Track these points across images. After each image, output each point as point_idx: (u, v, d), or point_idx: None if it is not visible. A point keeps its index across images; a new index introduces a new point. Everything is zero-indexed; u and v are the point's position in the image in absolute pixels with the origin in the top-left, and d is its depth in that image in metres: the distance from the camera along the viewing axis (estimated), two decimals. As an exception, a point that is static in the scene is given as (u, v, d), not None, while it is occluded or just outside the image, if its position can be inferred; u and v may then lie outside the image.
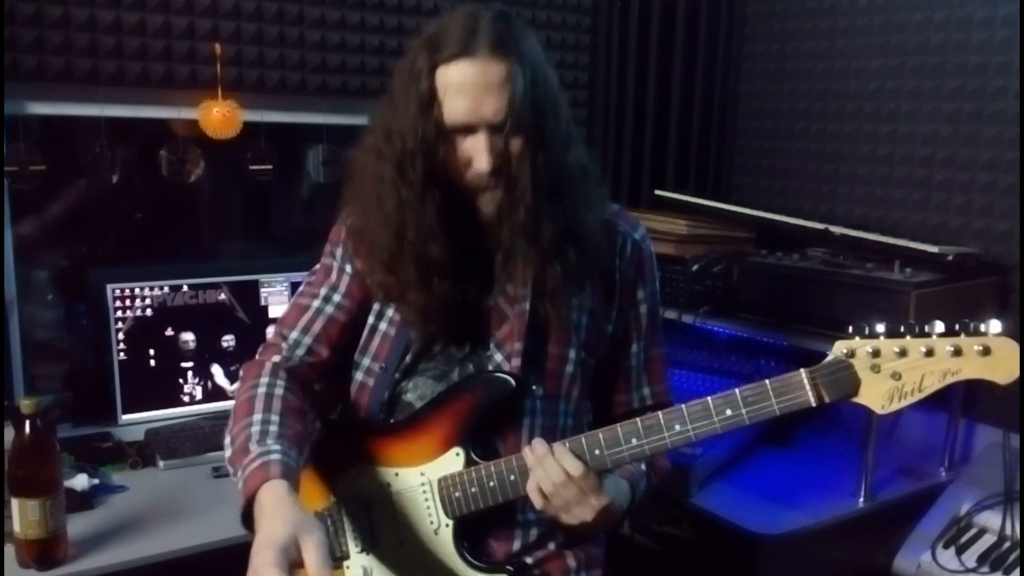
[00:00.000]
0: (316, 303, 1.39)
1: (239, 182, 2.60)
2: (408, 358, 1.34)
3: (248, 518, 1.12)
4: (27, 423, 1.48)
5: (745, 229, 2.46)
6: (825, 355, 1.09)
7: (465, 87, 1.17)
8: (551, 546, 1.35)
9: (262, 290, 2.26)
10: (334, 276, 1.40)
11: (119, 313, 2.12)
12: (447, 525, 1.26)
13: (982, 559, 1.81)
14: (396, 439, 1.31)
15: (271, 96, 2.32)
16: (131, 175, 2.32)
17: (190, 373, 2.22)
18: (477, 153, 1.19)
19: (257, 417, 1.24)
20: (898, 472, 2.12)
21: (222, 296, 2.24)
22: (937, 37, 2.30)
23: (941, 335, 1.01)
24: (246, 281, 2.26)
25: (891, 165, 2.43)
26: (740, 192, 2.89)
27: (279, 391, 1.29)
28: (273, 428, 1.23)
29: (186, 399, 2.22)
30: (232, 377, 2.24)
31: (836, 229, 2.19)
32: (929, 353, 1.01)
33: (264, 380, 1.30)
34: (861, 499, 1.96)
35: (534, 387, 1.29)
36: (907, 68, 2.37)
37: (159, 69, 2.16)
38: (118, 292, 2.12)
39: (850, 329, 1.06)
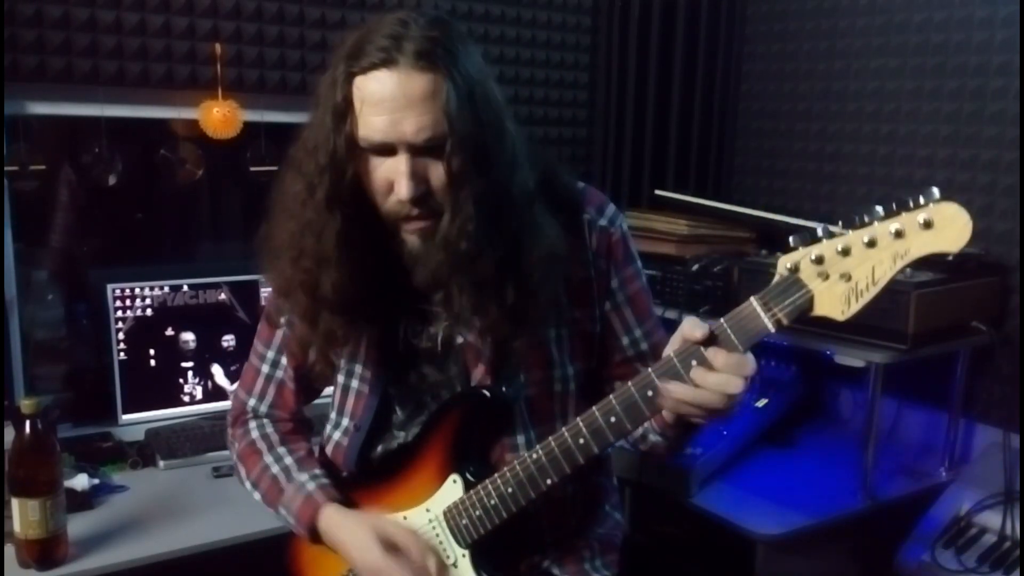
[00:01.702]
0: (265, 368, 1.41)
1: (239, 182, 2.59)
2: (399, 411, 1.30)
3: (313, 537, 1.29)
4: (27, 423, 1.48)
5: (745, 229, 2.46)
6: (826, 356, 1.05)
7: (384, 101, 1.05)
8: (564, 542, 1.33)
9: (262, 290, 2.26)
10: (278, 336, 1.38)
11: (119, 313, 2.12)
12: (463, 555, 1.22)
13: (982, 559, 1.81)
14: (396, 483, 1.27)
15: (271, 96, 2.32)
16: (131, 175, 2.31)
17: (190, 373, 2.22)
18: (397, 177, 1.08)
19: (269, 459, 1.36)
20: (898, 472, 2.12)
21: (222, 296, 2.24)
22: (937, 37, 2.30)
23: (881, 219, 0.93)
24: (246, 281, 2.26)
25: (891, 165, 2.43)
26: (740, 192, 2.89)
27: (269, 429, 1.41)
28: (289, 460, 1.35)
29: (186, 399, 2.22)
30: (232, 377, 2.24)
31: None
32: (871, 243, 0.93)
33: (252, 424, 1.42)
34: (861, 499, 1.96)
35: (505, 388, 1.23)
36: (907, 68, 2.37)
37: (159, 69, 2.16)
38: (118, 292, 2.12)
39: (790, 242, 0.99)
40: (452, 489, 1.22)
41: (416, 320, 1.26)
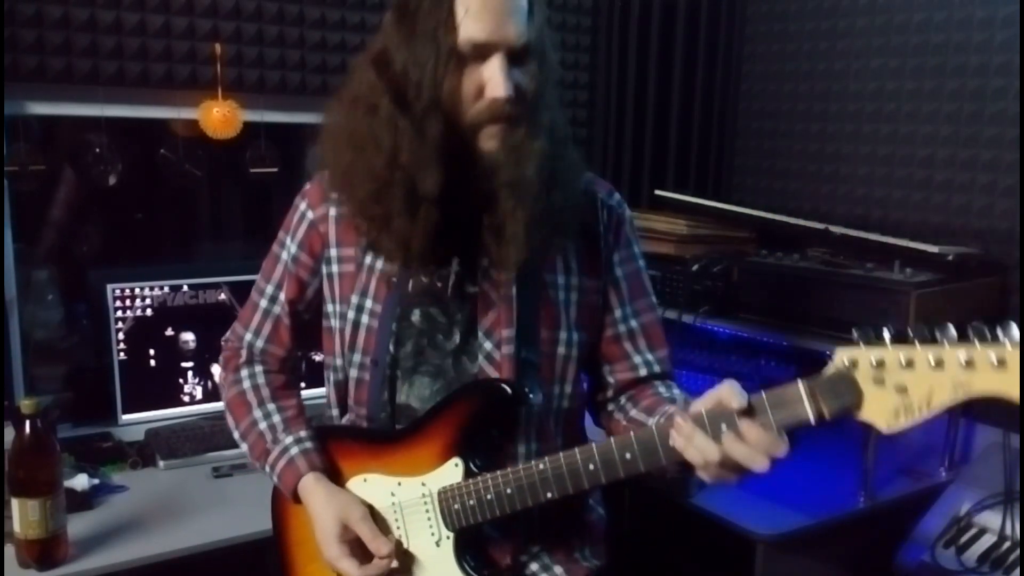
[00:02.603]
0: (264, 303, 1.44)
1: (239, 182, 2.60)
2: (392, 348, 1.31)
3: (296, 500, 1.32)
4: (27, 423, 1.48)
5: (745, 229, 2.46)
6: (825, 356, 1.02)
7: (489, 4, 1.14)
8: (552, 532, 1.35)
9: (262, 290, 2.26)
10: (279, 272, 1.42)
11: (119, 313, 2.12)
12: (448, 537, 1.24)
13: (982, 559, 1.81)
14: (399, 448, 1.28)
15: (271, 96, 2.32)
16: (131, 175, 2.32)
17: (190, 373, 2.22)
18: (493, 78, 1.15)
19: (258, 414, 1.39)
20: (898, 472, 2.12)
21: (222, 296, 2.24)
22: (937, 38, 2.30)
23: (953, 343, 0.88)
24: (246, 281, 2.23)
25: (891, 166, 2.43)
26: (740, 192, 2.89)
27: (260, 380, 1.43)
28: (277, 419, 1.37)
29: (186, 399, 2.22)
30: (232, 377, 2.24)
31: (836, 229, 2.19)
32: (939, 364, 0.89)
33: (244, 373, 1.44)
34: (861, 499, 1.96)
35: (531, 394, 1.26)
36: (907, 69, 2.37)
37: (159, 69, 2.16)
38: (118, 292, 2.12)
39: (854, 335, 0.95)
40: (452, 472, 1.23)
41: (436, 259, 1.27)
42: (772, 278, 2.16)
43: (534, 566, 1.34)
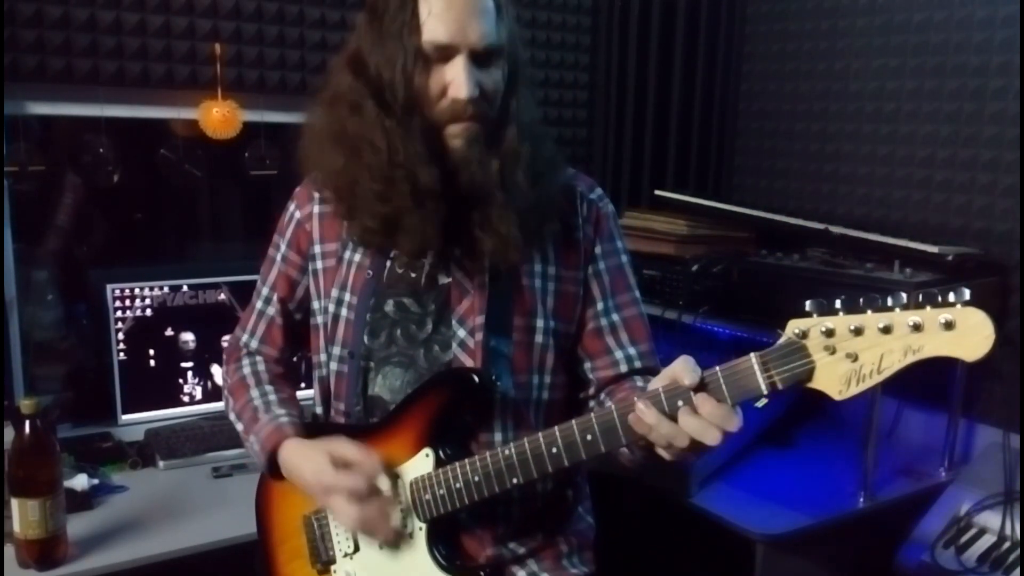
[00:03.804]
0: (259, 304, 1.48)
1: (239, 182, 2.60)
2: (366, 339, 1.32)
3: (271, 470, 1.33)
4: (27, 423, 1.48)
5: (745, 229, 2.46)
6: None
7: (452, 6, 1.16)
8: (539, 535, 1.34)
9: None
10: (273, 273, 1.45)
11: (119, 313, 2.12)
12: (420, 528, 1.24)
13: (982, 559, 1.81)
14: (373, 442, 1.28)
15: (271, 96, 2.32)
16: (131, 175, 2.32)
17: (190, 373, 2.22)
18: (455, 78, 1.17)
19: (255, 392, 1.41)
20: (898, 472, 2.12)
21: (222, 296, 2.24)
22: (937, 37, 2.30)
23: (903, 307, 0.89)
24: (246, 281, 2.25)
25: (891, 165, 2.43)
26: (740, 192, 2.89)
27: (261, 367, 1.46)
28: (272, 397, 1.40)
29: (186, 399, 2.22)
30: (232, 377, 2.24)
31: (836, 229, 2.19)
32: (887, 330, 0.89)
33: (246, 362, 1.47)
34: (861, 499, 1.96)
35: (498, 381, 1.26)
36: (907, 68, 2.37)
37: (159, 69, 2.16)
38: (118, 292, 2.12)
39: (807, 306, 0.94)
40: (423, 462, 1.24)
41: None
42: (772, 278, 2.16)
43: (521, 573, 1.34)
